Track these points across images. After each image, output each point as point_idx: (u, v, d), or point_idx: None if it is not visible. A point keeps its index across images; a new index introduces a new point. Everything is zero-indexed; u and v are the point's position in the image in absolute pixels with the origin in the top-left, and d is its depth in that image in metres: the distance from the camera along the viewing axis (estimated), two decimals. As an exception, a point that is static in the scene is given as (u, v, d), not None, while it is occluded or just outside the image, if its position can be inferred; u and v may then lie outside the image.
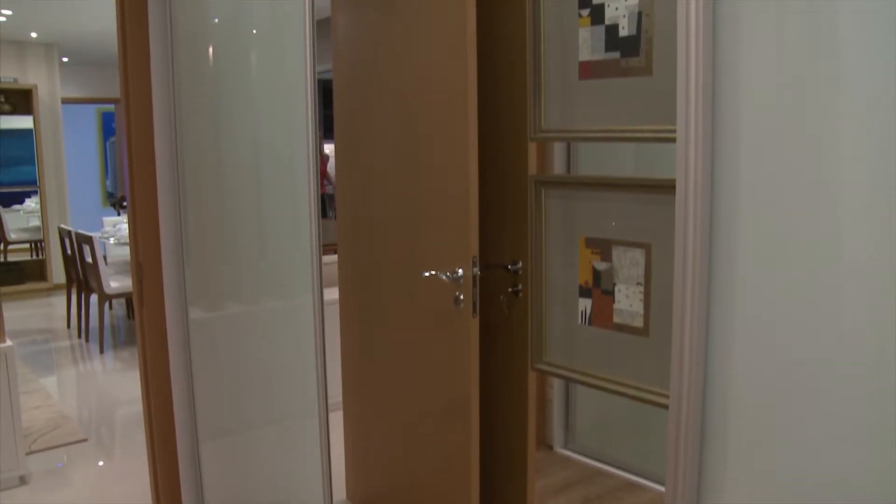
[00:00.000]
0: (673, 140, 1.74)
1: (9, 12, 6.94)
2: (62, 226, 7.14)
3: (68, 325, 7.12)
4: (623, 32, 2.10)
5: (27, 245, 9.22)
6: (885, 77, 1.39)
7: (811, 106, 1.51)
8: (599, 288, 2.29)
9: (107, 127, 12.41)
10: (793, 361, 1.58)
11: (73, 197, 9.04)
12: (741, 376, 1.68)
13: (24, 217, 9.27)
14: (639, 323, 2.19)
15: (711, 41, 1.66)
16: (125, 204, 9.26)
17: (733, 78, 1.64)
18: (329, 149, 7.71)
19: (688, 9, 1.67)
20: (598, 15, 2.17)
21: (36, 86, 8.47)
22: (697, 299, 1.71)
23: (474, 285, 2.33)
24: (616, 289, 2.24)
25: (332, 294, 2.91)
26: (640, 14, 2.06)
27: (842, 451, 1.53)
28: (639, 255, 2.17)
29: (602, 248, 2.26)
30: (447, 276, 2.38)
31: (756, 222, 1.63)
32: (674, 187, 1.73)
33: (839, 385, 1.51)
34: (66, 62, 9.42)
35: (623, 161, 3.17)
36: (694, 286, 1.71)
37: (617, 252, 2.23)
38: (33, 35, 8.10)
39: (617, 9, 2.12)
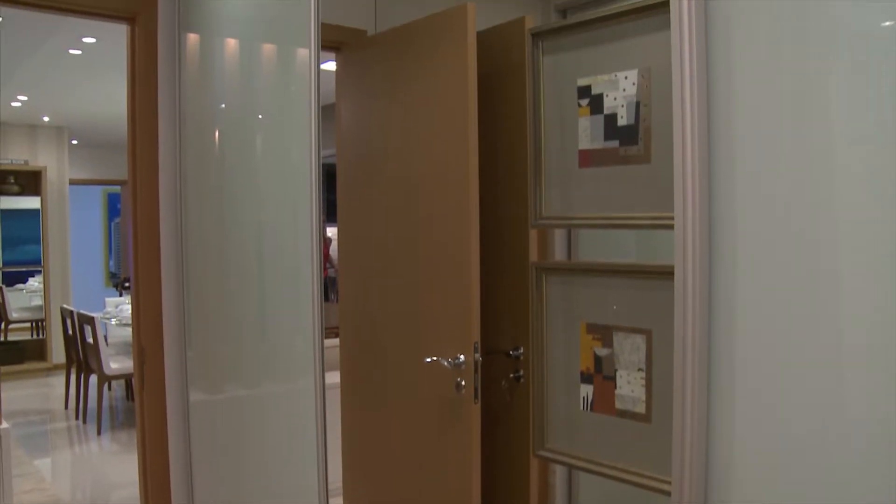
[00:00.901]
0: (672, 227, 1.77)
1: (24, 98, 7.12)
2: (64, 306, 7.14)
3: (66, 406, 7.04)
4: (622, 122, 2.15)
5: (28, 324, 9.20)
6: (884, 180, 1.42)
7: (806, 197, 1.54)
8: (601, 374, 2.28)
9: (112, 208, 12.54)
10: (794, 439, 1.57)
11: (76, 277, 9.07)
12: (743, 459, 1.67)
13: (26, 296, 9.29)
14: (641, 409, 2.17)
15: (707, 132, 1.70)
16: (128, 285, 9.29)
17: (729, 168, 1.68)
18: (331, 232, 7.77)
19: (683, 100, 1.72)
20: (597, 105, 2.22)
21: (45, 167, 8.61)
22: (698, 386, 1.71)
23: (476, 371, 2.32)
24: (617, 374, 2.23)
25: (333, 378, 2.90)
26: (637, 104, 2.11)
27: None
28: (640, 340, 2.17)
29: (603, 333, 2.27)
30: (448, 362, 2.37)
31: (755, 307, 1.64)
32: (673, 273, 1.75)
33: (842, 461, 1.50)
34: (75, 144, 9.59)
35: (624, 245, 3.20)
36: (694, 373, 1.71)
37: (618, 338, 2.23)
38: (46, 119, 8.29)
39: (615, 99, 2.18)
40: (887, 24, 1.42)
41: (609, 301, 2.25)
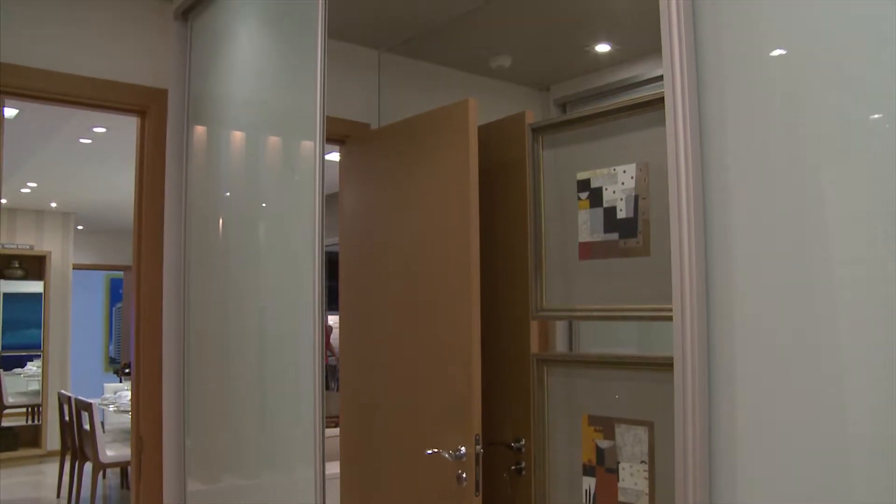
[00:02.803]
0: (672, 319, 1.78)
1: (34, 184, 7.24)
2: (62, 391, 7.08)
3: (58, 495, 6.90)
4: (621, 215, 2.19)
5: (23, 410, 9.10)
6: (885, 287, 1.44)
7: (804, 288, 1.56)
8: (603, 466, 2.25)
9: (114, 293, 12.57)
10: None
11: (75, 361, 9.02)
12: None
13: (23, 381, 9.20)
14: (644, 502, 2.14)
15: (703, 226, 1.73)
16: (128, 371, 9.22)
17: (725, 261, 1.70)
18: (332, 320, 7.76)
19: (679, 195, 1.75)
20: (596, 198, 2.27)
21: (50, 252, 8.68)
22: (700, 481, 1.69)
23: (477, 464, 2.30)
24: (620, 467, 2.21)
25: (333, 468, 2.86)
26: (636, 197, 2.16)
27: None
28: (642, 432, 2.16)
29: (605, 426, 2.25)
30: (450, 454, 2.35)
31: (755, 399, 1.63)
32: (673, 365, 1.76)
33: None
34: (80, 230, 9.69)
35: (626, 336, 3.20)
36: (696, 467, 1.69)
37: (620, 430, 2.21)
38: (53, 205, 8.40)
39: (615, 192, 2.22)
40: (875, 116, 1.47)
41: (610, 393, 2.25)
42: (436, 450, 2.40)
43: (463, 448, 2.32)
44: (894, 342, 1.41)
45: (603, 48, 3.49)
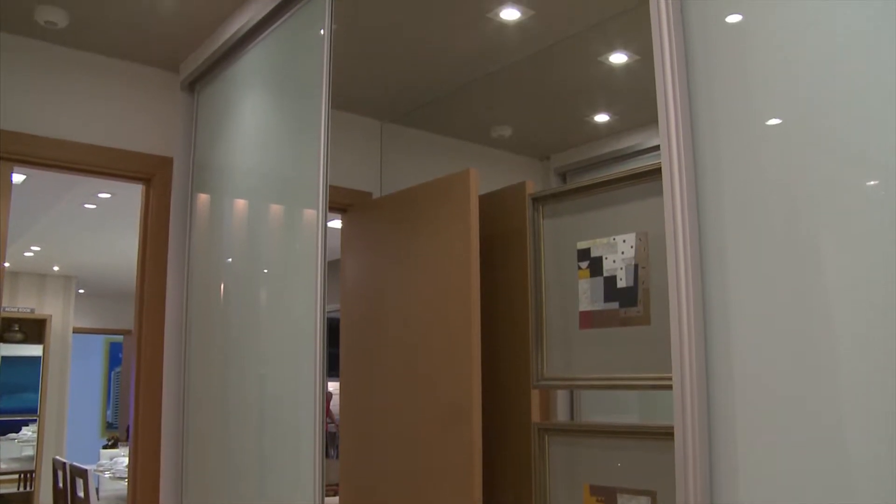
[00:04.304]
0: (672, 388, 1.78)
1: (37, 248, 7.28)
2: (57, 457, 6.99)
3: (50, 565, 6.76)
4: (621, 284, 2.21)
5: (16, 476, 8.95)
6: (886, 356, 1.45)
7: (803, 358, 1.57)
8: (605, 538, 2.22)
9: (113, 357, 12.50)
10: None
11: (72, 426, 8.92)
12: None
13: (18, 446, 9.08)
14: (647, 576, 2.11)
15: (701, 296, 1.75)
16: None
17: (725, 330, 1.71)
18: (332, 387, 7.73)
19: (677, 265, 1.77)
20: (596, 267, 2.29)
21: (51, 316, 8.66)
22: (705, 555, 1.67)
23: (477, 533, 2.27)
24: (622, 539, 2.18)
25: (330, 539, 2.82)
26: (636, 267, 2.18)
27: None
28: (644, 502, 2.13)
29: (607, 495, 2.23)
30: (449, 522, 2.32)
31: (757, 469, 1.62)
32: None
33: None
34: (81, 293, 9.69)
35: (628, 404, 3.18)
36: (700, 541, 1.67)
37: (622, 500, 2.19)
38: (55, 268, 8.42)
39: (615, 261, 2.24)
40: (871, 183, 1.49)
41: (612, 462, 2.23)
42: (436, 520, 2.37)
43: (463, 519, 2.30)
44: (895, 408, 1.41)
45: (602, 118, 3.56)
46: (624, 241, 2.24)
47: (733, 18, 1.72)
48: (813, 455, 1.54)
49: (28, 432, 8.93)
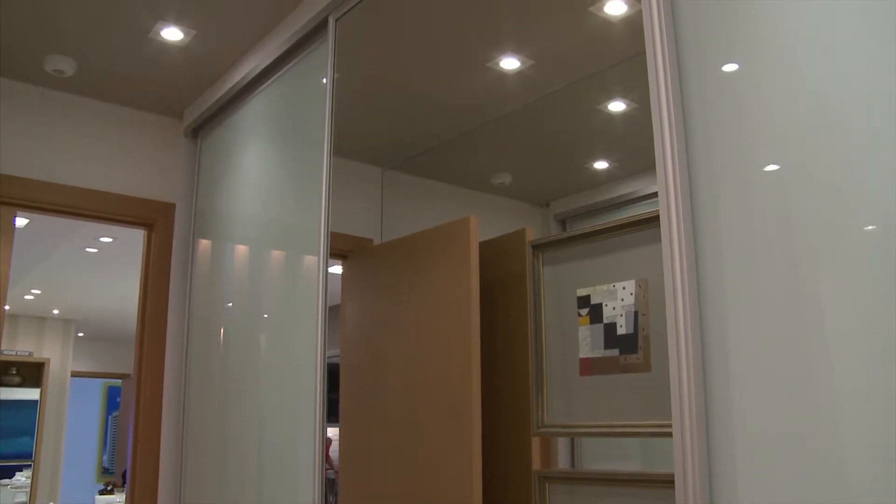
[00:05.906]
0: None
1: (38, 291, 7.28)
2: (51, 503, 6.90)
3: None
4: (621, 331, 2.21)
5: (6, 525, 8.82)
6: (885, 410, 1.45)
7: (804, 403, 1.56)
8: (607, 589, 2.20)
9: (111, 401, 12.41)
10: None
11: (67, 470, 8.81)
12: None
13: (10, 492, 8.95)
14: None
15: (700, 343, 1.75)
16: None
17: (724, 377, 1.71)
18: (332, 432, 7.66)
19: (676, 312, 1.77)
20: (596, 314, 2.29)
21: (49, 359, 8.62)
22: None
23: (477, 584, 2.24)
24: (624, 590, 2.15)
25: (328, 589, 2.78)
26: (636, 313, 2.18)
27: None
28: (646, 553, 2.11)
29: (608, 545, 2.21)
30: (449, 572, 2.29)
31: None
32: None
33: None
34: (80, 337, 9.66)
35: (629, 451, 3.16)
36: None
37: (624, 550, 2.17)
38: (55, 311, 8.41)
39: (614, 308, 2.25)
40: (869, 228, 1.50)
41: (613, 511, 2.21)
42: (435, 570, 2.34)
43: (463, 569, 2.27)
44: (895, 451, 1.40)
45: (601, 165, 3.59)
46: (624, 287, 2.25)
47: (729, 67, 1.75)
48: (817, 497, 1.53)
49: (22, 478, 8.82)
